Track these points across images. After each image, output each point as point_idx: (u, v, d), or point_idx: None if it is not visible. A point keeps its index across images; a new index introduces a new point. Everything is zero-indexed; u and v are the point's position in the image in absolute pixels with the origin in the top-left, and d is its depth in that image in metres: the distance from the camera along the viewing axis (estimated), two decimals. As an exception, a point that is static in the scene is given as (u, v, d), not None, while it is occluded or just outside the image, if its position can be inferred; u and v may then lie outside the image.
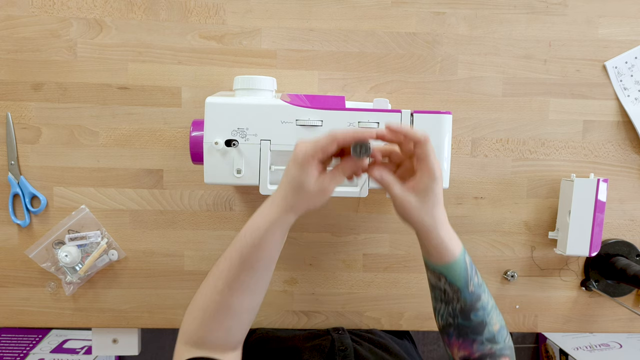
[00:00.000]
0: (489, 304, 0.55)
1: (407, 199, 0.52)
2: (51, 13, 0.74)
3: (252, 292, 0.54)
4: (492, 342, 0.55)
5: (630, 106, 0.79)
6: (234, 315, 0.54)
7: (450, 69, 0.78)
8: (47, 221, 0.78)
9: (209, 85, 0.77)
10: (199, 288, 0.57)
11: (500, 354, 0.55)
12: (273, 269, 0.56)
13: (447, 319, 0.57)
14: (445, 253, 0.53)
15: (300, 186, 0.50)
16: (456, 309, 0.55)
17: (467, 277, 0.54)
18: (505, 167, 0.80)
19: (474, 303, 0.54)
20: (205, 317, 0.55)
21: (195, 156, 0.66)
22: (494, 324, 0.55)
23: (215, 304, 0.54)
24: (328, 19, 0.77)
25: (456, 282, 0.54)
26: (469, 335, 0.55)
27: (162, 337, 1.66)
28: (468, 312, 0.55)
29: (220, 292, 0.54)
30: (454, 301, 0.55)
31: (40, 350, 1.49)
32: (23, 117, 0.76)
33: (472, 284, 0.54)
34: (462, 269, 0.54)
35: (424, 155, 0.50)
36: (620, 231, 0.82)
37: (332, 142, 0.49)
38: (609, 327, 0.84)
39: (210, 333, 0.55)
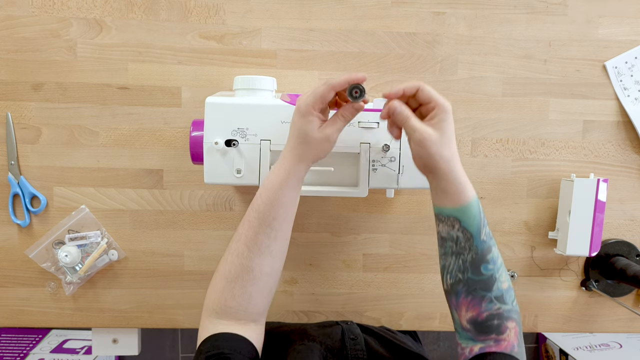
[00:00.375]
0: (499, 259, 0.55)
1: (426, 131, 0.53)
2: (51, 13, 0.74)
3: (271, 253, 0.56)
4: (501, 302, 0.55)
5: (630, 106, 0.79)
6: (254, 280, 0.55)
7: (450, 69, 0.78)
8: (47, 221, 0.78)
9: (209, 85, 0.77)
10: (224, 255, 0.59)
11: (508, 316, 0.55)
12: (289, 231, 0.58)
13: (456, 274, 0.56)
14: (462, 191, 0.54)
15: (306, 135, 0.54)
16: (467, 261, 0.55)
17: (480, 222, 0.54)
18: (505, 167, 0.80)
19: (485, 254, 0.54)
20: (227, 283, 0.56)
21: (195, 156, 0.66)
22: (503, 281, 0.55)
23: (236, 268, 0.56)
24: (328, 19, 0.77)
25: (469, 227, 0.54)
26: (478, 291, 0.55)
27: (162, 337, 1.66)
28: (479, 264, 0.54)
29: (240, 255, 0.56)
30: (466, 251, 0.55)
31: (40, 350, 1.49)
32: (23, 117, 0.76)
33: (484, 232, 0.54)
34: (477, 212, 0.54)
35: (428, 97, 0.53)
36: (620, 231, 0.82)
37: (329, 89, 0.52)
38: (609, 327, 0.84)
39: (233, 299, 0.55)
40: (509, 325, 0.55)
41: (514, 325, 0.55)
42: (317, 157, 0.56)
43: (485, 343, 0.55)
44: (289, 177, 0.55)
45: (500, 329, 0.54)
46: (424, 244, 0.81)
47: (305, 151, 0.55)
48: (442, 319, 0.83)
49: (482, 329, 0.55)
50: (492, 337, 0.55)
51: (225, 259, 0.57)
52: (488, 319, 0.55)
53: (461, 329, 0.57)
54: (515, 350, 0.54)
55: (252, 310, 0.56)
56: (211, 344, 0.53)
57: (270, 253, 0.56)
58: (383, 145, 0.63)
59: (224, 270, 0.57)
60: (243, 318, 0.56)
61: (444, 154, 0.53)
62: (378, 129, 0.63)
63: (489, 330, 0.55)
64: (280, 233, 0.56)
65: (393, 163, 0.64)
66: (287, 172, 0.55)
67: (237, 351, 0.52)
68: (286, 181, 0.55)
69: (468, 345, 0.56)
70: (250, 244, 0.56)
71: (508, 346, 0.54)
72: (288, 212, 0.56)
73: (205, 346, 0.53)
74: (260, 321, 0.58)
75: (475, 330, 0.56)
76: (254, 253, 0.55)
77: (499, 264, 0.55)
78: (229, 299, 0.56)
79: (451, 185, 0.54)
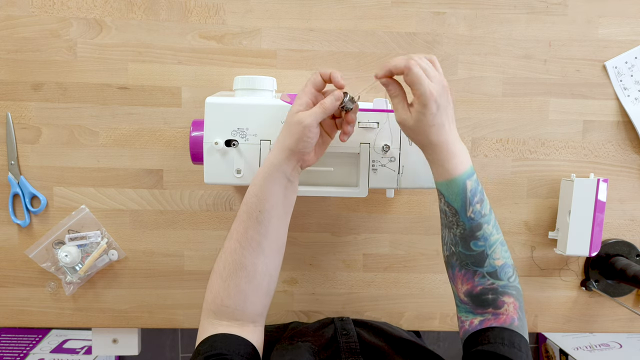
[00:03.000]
0: (492, 236, 0.55)
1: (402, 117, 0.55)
2: (51, 13, 0.74)
3: (263, 251, 0.56)
4: (494, 278, 0.55)
5: (630, 106, 0.79)
6: (248, 278, 0.55)
7: (450, 69, 0.78)
8: (47, 221, 0.78)
9: (209, 85, 0.77)
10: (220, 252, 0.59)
11: (503, 291, 0.55)
12: (281, 230, 0.57)
13: (450, 247, 0.57)
14: (446, 168, 0.54)
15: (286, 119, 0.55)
16: (457, 235, 0.56)
17: (464, 199, 0.54)
18: (505, 167, 0.80)
19: (474, 230, 0.54)
20: (222, 281, 0.56)
21: (195, 156, 0.66)
22: (496, 258, 0.55)
23: (229, 265, 0.56)
24: (328, 19, 0.77)
25: (453, 203, 0.55)
26: (470, 265, 0.55)
27: (162, 337, 1.66)
28: (468, 240, 0.55)
29: (233, 252, 0.56)
30: (454, 225, 0.56)
31: (40, 350, 1.49)
32: (23, 117, 0.76)
33: (470, 210, 0.54)
34: (460, 190, 0.54)
35: (411, 83, 0.52)
36: (620, 231, 0.82)
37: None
38: (609, 327, 0.84)
39: (228, 297, 0.55)
40: (506, 300, 0.55)
41: (512, 300, 0.55)
42: (298, 148, 0.54)
43: (484, 316, 0.55)
44: (272, 168, 0.55)
45: (497, 303, 0.55)
46: (424, 244, 0.81)
47: (285, 138, 0.54)
48: (442, 319, 0.83)
49: (478, 302, 0.55)
50: (490, 311, 0.55)
51: (219, 257, 0.57)
52: (482, 293, 0.55)
53: (460, 302, 0.58)
54: (515, 324, 0.54)
55: (249, 310, 0.56)
56: (209, 344, 0.53)
57: (262, 251, 0.56)
58: (383, 145, 0.63)
59: (218, 268, 0.57)
60: (241, 318, 0.56)
61: (418, 139, 0.55)
62: (378, 129, 0.63)
63: (485, 304, 0.55)
64: (270, 229, 0.56)
65: (393, 163, 0.64)
66: (271, 163, 0.55)
67: (236, 352, 0.52)
68: (269, 173, 0.55)
69: (468, 318, 0.57)
70: (242, 239, 0.55)
71: (507, 320, 0.54)
72: (274, 206, 0.56)
73: (204, 347, 0.53)
74: (259, 322, 0.58)
75: (472, 303, 0.56)
76: (246, 249, 0.55)
77: (492, 241, 0.55)
78: (225, 297, 0.55)
79: (433, 162, 0.56)
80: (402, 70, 0.52)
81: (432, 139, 0.54)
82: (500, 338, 0.52)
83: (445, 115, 0.53)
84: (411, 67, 0.51)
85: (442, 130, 0.53)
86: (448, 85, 0.54)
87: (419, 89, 0.51)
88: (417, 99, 0.52)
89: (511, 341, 0.52)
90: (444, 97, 0.53)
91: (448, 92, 0.54)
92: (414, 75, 0.51)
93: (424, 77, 0.51)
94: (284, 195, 0.56)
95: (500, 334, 0.53)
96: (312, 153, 0.57)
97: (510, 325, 0.54)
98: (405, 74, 0.52)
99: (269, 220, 0.55)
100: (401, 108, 0.55)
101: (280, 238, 0.58)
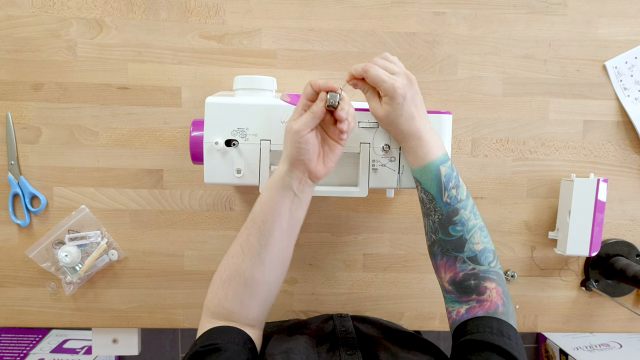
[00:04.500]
0: (470, 221, 0.56)
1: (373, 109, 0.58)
2: (51, 13, 0.74)
3: (263, 262, 0.55)
4: (474, 262, 0.56)
5: (630, 106, 0.79)
6: (246, 284, 0.55)
7: (450, 69, 0.78)
8: (47, 221, 0.78)
9: (209, 85, 0.77)
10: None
11: (484, 276, 0.55)
12: (284, 246, 0.57)
13: (430, 235, 0.59)
14: (419, 154, 0.57)
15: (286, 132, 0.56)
16: (435, 222, 0.57)
17: (439, 185, 0.57)
18: (505, 167, 0.80)
19: (451, 216, 0.56)
20: (222, 283, 0.56)
21: (195, 156, 0.66)
22: (475, 242, 0.56)
23: (230, 268, 0.56)
24: (328, 19, 0.77)
25: (429, 189, 0.57)
26: (451, 252, 0.57)
27: (162, 337, 1.66)
28: (446, 225, 0.56)
29: (234, 255, 0.56)
30: (432, 212, 0.58)
31: (40, 350, 1.49)
32: (23, 117, 0.76)
33: (446, 195, 0.56)
34: (434, 175, 0.57)
35: (374, 83, 0.55)
36: (620, 231, 0.82)
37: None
38: (609, 327, 0.84)
39: (226, 300, 0.56)
40: (488, 286, 0.55)
41: (494, 286, 0.56)
42: (296, 156, 0.54)
43: (469, 304, 0.56)
44: (276, 178, 0.55)
45: (479, 289, 0.55)
46: (424, 244, 0.81)
47: (285, 149, 0.55)
48: (442, 319, 0.83)
49: (461, 289, 0.56)
50: (474, 298, 0.55)
51: (224, 258, 0.58)
52: (465, 279, 0.56)
53: (445, 292, 0.59)
54: (499, 310, 0.54)
55: (245, 314, 0.56)
56: (206, 336, 0.54)
57: (261, 261, 0.55)
58: (383, 145, 0.63)
59: (220, 269, 0.58)
60: (238, 320, 0.56)
61: (391, 129, 0.58)
62: (378, 129, 0.63)
63: (469, 291, 0.56)
64: (272, 241, 0.55)
65: (393, 163, 0.64)
66: (276, 174, 0.56)
67: (231, 341, 0.53)
68: (274, 183, 0.56)
69: (454, 307, 0.57)
70: (244, 244, 0.56)
71: (492, 306, 0.54)
72: (277, 219, 0.55)
73: (200, 339, 0.54)
74: (257, 327, 0.58)
75: (456, 292, 0.57)
76: (246, 255, 0.55)
77: (470, 226, 0.56)
78: (222, 299, 0.56)
79: (406, 150, 0.59)
80: (362, 75, 0.55)
81: (402, 128, 0.57)
82: (488, 327, 0.52)
83: (414, 105, 0.56)
84: (368, 70, 0.55)
85: (412, 120, 0.56)
86: (414, 77, 0.56)
87: (382, 86, 0.54)
88: (383, 95, 0.55)
89: (500, 329, 0.52)
90: (409, 88, 0.55)
91: (414, 84, 0.56)
92: (373, 76, 0.54)
93: (382, 75, 0.54)
94: (289, 209, 0.56)
95: (489, 323, 0.53)
96: (320, 163, 0.56)
97: (495, 312, 0.54)
98: (366, 77, 0.55)
99: (271, 232, 0.55)
100: (373, 102, 0.57)
101: (282, 251, 0.57)
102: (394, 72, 0.55)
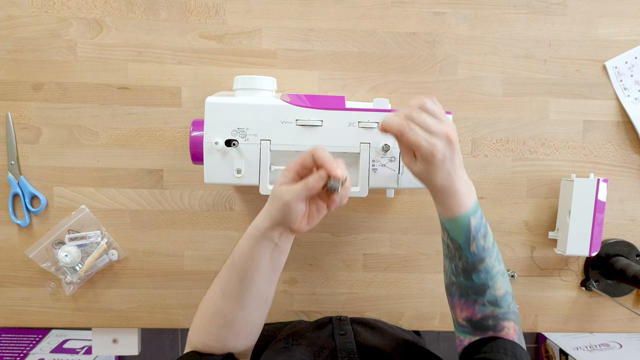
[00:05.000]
0: (494, 269, 0.55)
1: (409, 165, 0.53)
2: (51, 13, 0.74)
3: (243, 306, 0.55)
4: (495, 306, 0.55)
5: (630, 106, 0.79)
6: (227, 325, 0.55)
7: (450, 69, 0.78)
8: (47, 221, 0.78)
9: (209, 85, 0.77)
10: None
11: (503, 317, 0.55)
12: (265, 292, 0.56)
13: (450, 276, 0.57)
14: (450, 207, 0.54)
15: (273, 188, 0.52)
16: (458, 267, 0.55)
17: (469, 237, 0.54)
18: (505, 167, 0.80)
19: (476, 264, 0.54)
20: (203, 323, 0.56)
21: (195, 156, 0.66)
22: (497, 288, 0.55)
23: (211, 308, 0.56)
24: (328, 19, 0.77)
25: (456, 239, 0.54)
26: (471, 295, 0.55)
27: (162, 337, 1.66)
28: (470, 272, 0.54)
29: (216, 295, 0.56)
30: (456, 258, 0.55)
31: (40, 350, 1.49)
32: (23, 117, 0.76)
33: (474, 245, 0.54)
34: (464, 228, 0.53)
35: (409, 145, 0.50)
36: (620, 231, 0.82)
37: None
38: (609, 327, 0.84)
39: (208, 339, 0.56)
40: (506, 325, 0.55)
41: (512, 325, 0.55)
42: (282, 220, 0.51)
43: (483, 336, 0.56)
44: (257, 233, 0.52)
45: (497, 327, 0.55)
46: (424, 244, 0.81)
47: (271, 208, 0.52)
48: (442, 319, 0.83)
49: (478, 327, 0.56)
50: (489, 334, 0.55)
51: (205, 298, 0.57)
52: (483, 319, 0.55)
53: (458, 325, 0.58)
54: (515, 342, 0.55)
55: (231, 350, 0.56)
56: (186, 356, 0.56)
57: (242, 305, 0.54)
58: (383, 145, 0.63)
59: (202, 308, 0.57)
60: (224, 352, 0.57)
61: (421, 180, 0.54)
62: (378, 129, 0.63)
63: (485, 329, 0.55)
64: (253, 286, 0.54)
65: (393, 163, 0.64)
66: (257, 228, 0.53)
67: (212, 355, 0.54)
68: (254, 237, 0.53)
69: (466, 337, 0.57)
70: (224, 288, 0.55)
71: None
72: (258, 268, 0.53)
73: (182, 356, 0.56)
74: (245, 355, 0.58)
75: (471, 327, 0.56)
76: (227, 298, 0.55)
77: (494, 273, 0.55)
78: (206, 338, 0.56)
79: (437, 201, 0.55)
80: (396, 135, 0.50)
81: (435, 184, 0.52)
82: (503, 349, 0.53)
83: (451, 163, 0.51)
84: (403, 133, 0.49)
85: (447, 177, 0.52)
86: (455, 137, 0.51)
87: (418, 150, 0.50)
88: (419, 157, 0.51)
89: (514, 353, 0.52)
90: (448, 149, 0.50)
91: (454, 144, 0.51)
92: (408, 140, 0.49)
93: (421, 140, 0.49)
94: (270, 257, 0.54)
95: (503, 345, 0.53)
96: (304, 222, 0.52)
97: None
98: (400, 140, 0.51)
99: (251, 279, 0.54)
100: (406, 157, 0.53)
101: (264, 294, 0.56)
102: (433, 131, 0.49)
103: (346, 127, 0.63)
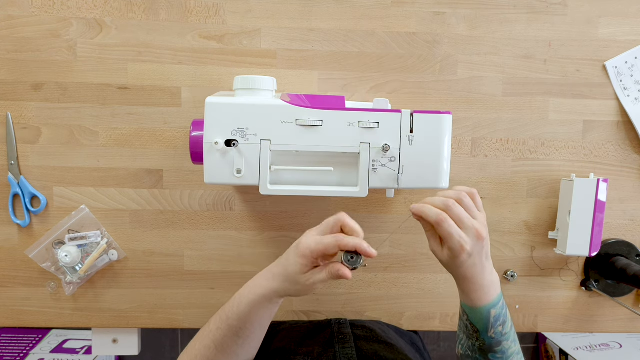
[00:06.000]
0: (510, 350, 0.56)
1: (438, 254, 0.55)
2: (51, 13, 0.74)
3: (238, 356, 0.57)
4: None
5: (630, 106, 0.79)
6: None
7: (450, 69, 0.78)
8: (47, 221, 0.78)
9: (209, 85, 0.77)
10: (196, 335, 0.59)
11: None
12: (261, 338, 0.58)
13: (466, 350, 0.59)
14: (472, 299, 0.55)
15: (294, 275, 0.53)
16: (475, 346, 0.57)
17: (488, 325, 0.54)
18: (505, 167, 0.80)
19: (493, 346, 0.55)
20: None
21: (195, 156, 0.66)
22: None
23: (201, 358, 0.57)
24: (328, 19, 0.77)
25: (475, 324, 0.55)
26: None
27: (162, 337, 1.66)
28: (486, 352, 0.56)
29: (207, 348, 0.56)
30: (474, 338, 0.56)
31: (40, 350, 1.49)
32: (23, 117, 0.76)
33: (492, 331, 0.55)
34: (483, 318, 0.54)
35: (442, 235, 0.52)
36: (620, 231, 0.82)
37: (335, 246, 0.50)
38: (609, 327, 0.84)
39: None
40: None
41: None
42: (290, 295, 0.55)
43: None
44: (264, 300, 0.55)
45: None
46: (424, 244, 0.81)
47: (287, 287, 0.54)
48: (442, 319, 0.83)
49: None
50: None
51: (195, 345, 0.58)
52: None
53: None
54: None
55: None
56: None
57: (236, 355, 0.57)
58: (383, 145, 0.63)
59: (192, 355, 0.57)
60: None
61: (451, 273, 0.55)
62: (378, 129, 0.63)
63: None
64: (249, 340, 0.56)
65: (393, 163, 0.64)
66: (263, 295, 0.54)
67: None
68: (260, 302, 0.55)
69: None
70: (217, 342, 0.56)
71: None
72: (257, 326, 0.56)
73: None
74: None
75: None
76: (219, 351, 0.56)
77: (510, 354, 0.56)
78: None
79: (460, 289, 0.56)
80: (433, 224, 0.52)
81: (459, 274, 0.54)
82: None
83: (479, 258, 0.52)
84: (440, 224, 0.51)
85: (472, 268, 0.53)
86: (486, 233, 0.52)
87: (448, 243, 0.51)
88: (447, 248, 0.52)
89: None
90: (477, 245, 0.51)
91: (482, 240, 0.52)
92: (443, 231, 0.51)
93: (454, 233, 0.50)
94: (270, 315, 0.57)
95: None
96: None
97: None
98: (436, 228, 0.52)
99: (248, 336, 0.56)
100: (433, 241, 0.55)
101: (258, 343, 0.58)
102: (465, 226, 0.51)
103: (346, 127, 0.63)
